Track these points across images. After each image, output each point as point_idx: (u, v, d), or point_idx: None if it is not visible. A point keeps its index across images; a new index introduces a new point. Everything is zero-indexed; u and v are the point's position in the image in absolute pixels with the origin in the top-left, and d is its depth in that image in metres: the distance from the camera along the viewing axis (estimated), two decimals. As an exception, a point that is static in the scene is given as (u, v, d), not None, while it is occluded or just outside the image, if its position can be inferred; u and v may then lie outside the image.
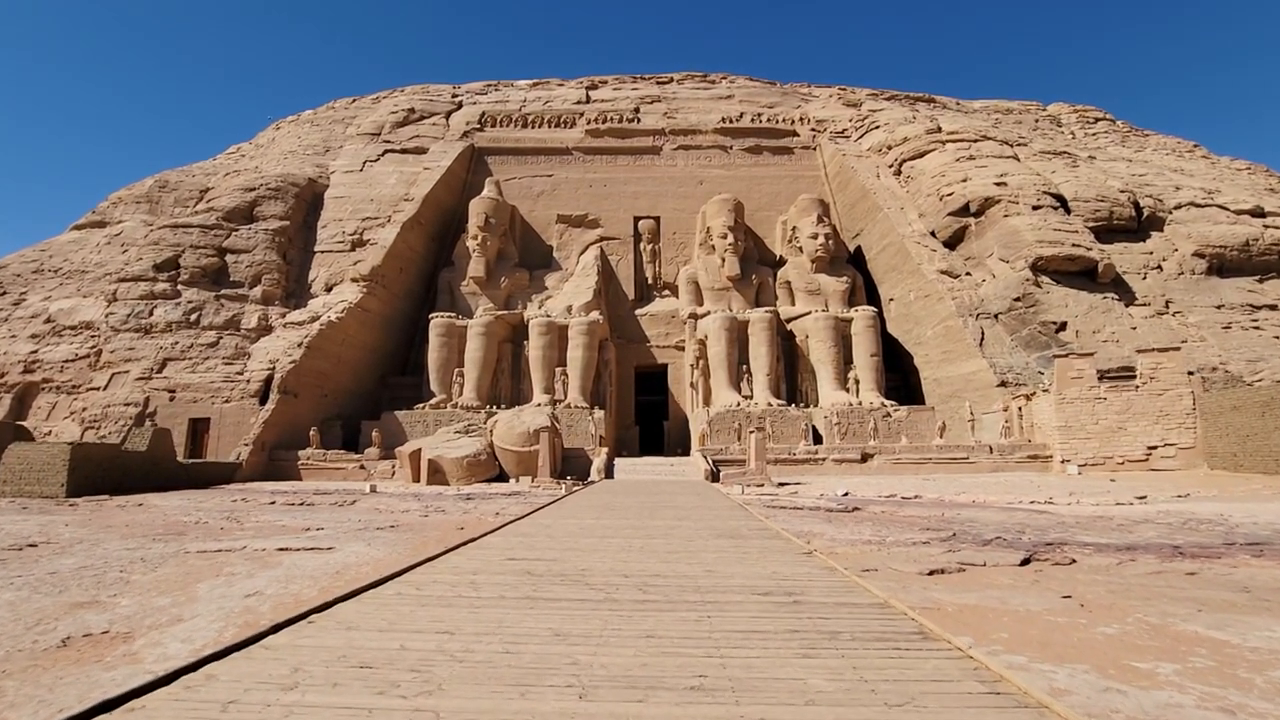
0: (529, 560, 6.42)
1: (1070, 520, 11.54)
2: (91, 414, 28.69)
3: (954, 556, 7.95)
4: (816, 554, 6.81)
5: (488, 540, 7.85)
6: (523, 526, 9.45)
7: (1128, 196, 34.11)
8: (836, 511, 13.85)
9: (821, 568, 6.16)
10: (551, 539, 8.10)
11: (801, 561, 6.50)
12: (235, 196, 37.98)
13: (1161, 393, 24.87)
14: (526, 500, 16.95)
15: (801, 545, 7.60)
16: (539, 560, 6.46)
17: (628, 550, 7.29)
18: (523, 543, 7.73)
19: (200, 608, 5.43)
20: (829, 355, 33.96)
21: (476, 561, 6.21)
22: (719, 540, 8.19)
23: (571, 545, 7.63)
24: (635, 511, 11.91)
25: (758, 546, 7.59)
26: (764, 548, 7.54)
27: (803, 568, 6.10)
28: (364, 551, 8.51)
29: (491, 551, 6.94)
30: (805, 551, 7.16)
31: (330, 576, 6.83)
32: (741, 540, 8.13)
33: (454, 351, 35.13)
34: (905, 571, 7.18)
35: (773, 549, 7.45)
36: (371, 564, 7.64)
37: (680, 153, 45.72)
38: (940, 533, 10.04)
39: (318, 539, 9.71)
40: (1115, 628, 4.94)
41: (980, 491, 17.79)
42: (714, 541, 8.09)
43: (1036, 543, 8.83)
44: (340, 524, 12.26)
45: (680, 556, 6.90)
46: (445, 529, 11.74)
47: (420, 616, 4.52)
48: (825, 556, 6.60)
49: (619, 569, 6.08)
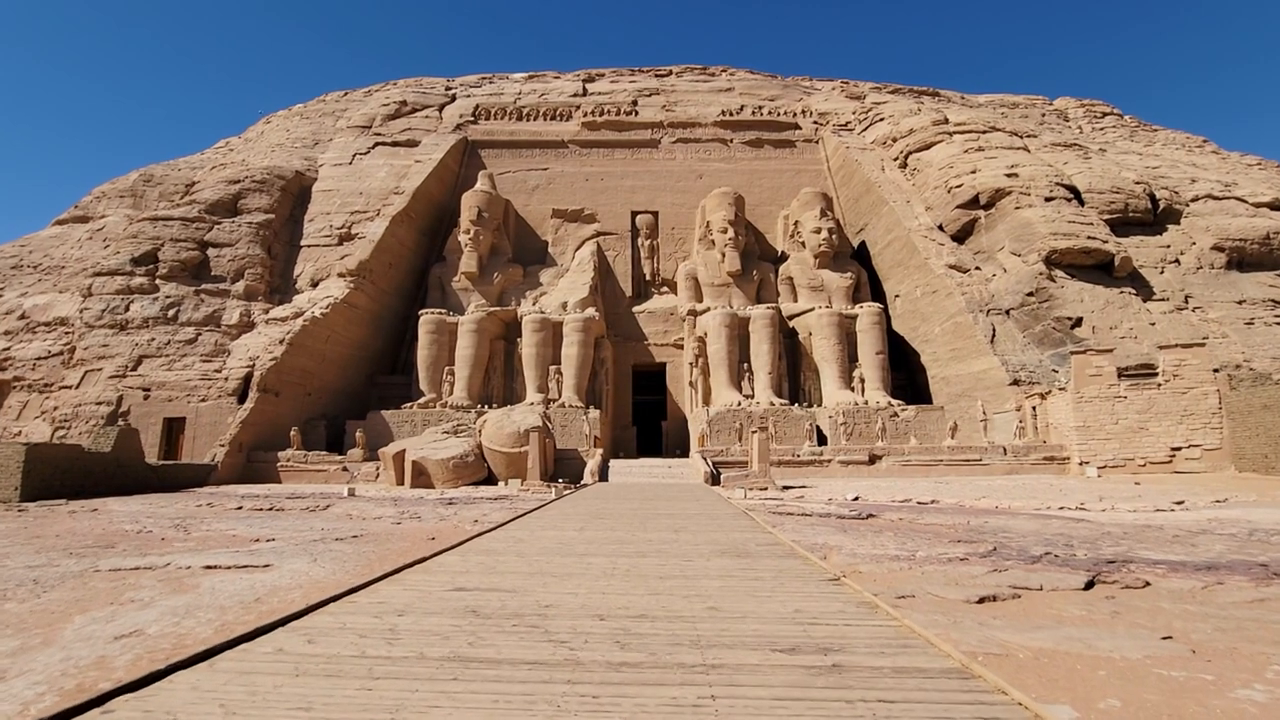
0: (481, 591, 5.11)
1: (1116, 530, 10.27)
2: (62, 413, 27.39)
3: (1002, 578, 6.68)
4: (845, 580, 5.49)
5: (442, 560, 6.52)
6: (493, 540, 8.13)
7: (1143, 188, 32.87)
8: (850, 519, 12.58)
9: (856, 602, 4.82)
10: (521, 557, 6.86)
11: (828, 592, 5.21)
12: (218, 189, 36.70)
13: (1185, 391, 23.61)
14: (511, 505, 15.66)
15: (822, 566, 6.24)
16: (494, 591, 5.19)
17: (610, 575, 5.99)
18: (484, 563, 6.49)
19: (42, 657, 4.15)
20: (833, 353, 32.67)
21: (414, 593, 4.95)
22: (723, 559, 6.89)
23: (542, 567, 6.40)
24: (626, 521, 10.62)
25: (771, 569, 6.31)
26: (778, 570, 6.25)
27: (832, 602, 4.84)
28: (303, 571, 7.23)
29: (439, 577, 5.70)
30: (830, 578, 5.83)
31: (243, 607, 5.55)
32: (750, 560, 6.83)
33: (444, 349, 33.83)
34: (948, 599, 5.91)
35: (789, 572, 6.16)
36: (305, 587, 6.37)
37: (679, 146, 44.47)
38: (975, 546, 8.77)
39: (259, 554, 8.43)
40: (1261, 691, 3.67)
41: (1001, 496, 16.51)
42: (717, 561, 6.79)
43: (1094, 560, 7.55)
44: (298, 534, 10.98)
45: (675, 585, 5.60)
46: (414, 539, 10.47)
47: (280, 698, 3.14)
48: (855, 583, 5.31)
49: (594, 606, 4.81)
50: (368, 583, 5.26)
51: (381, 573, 5.80)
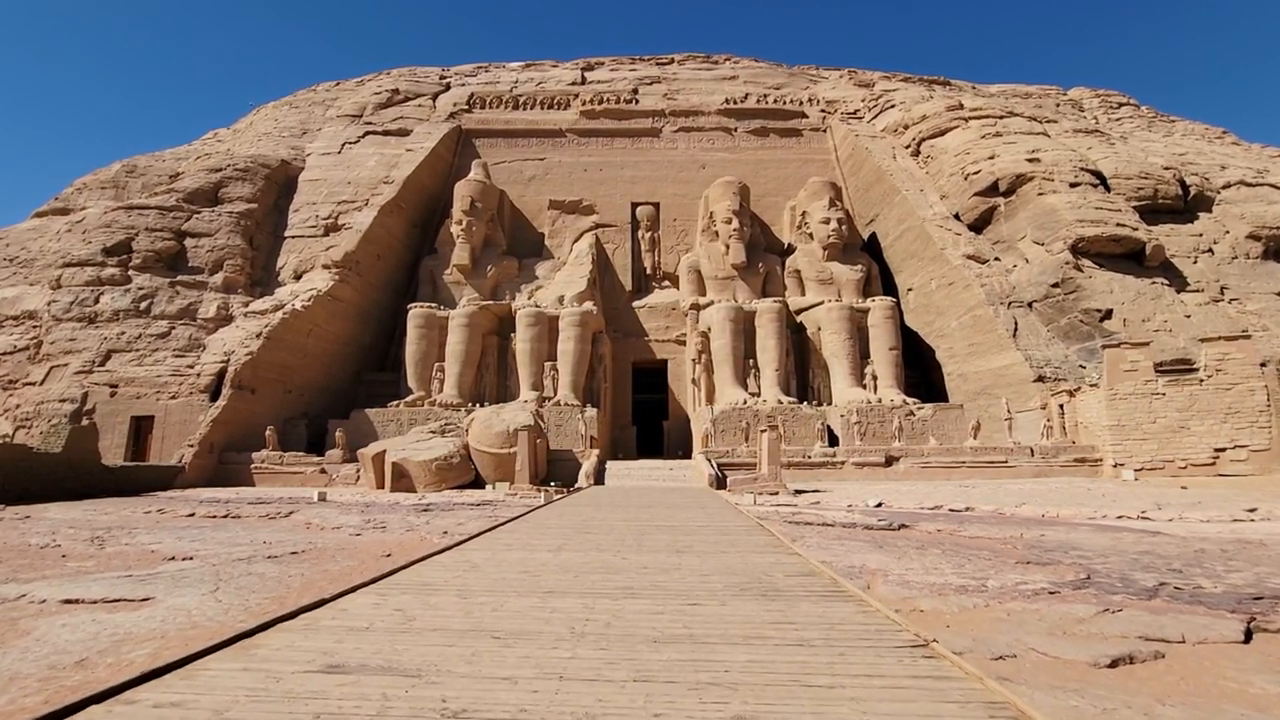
0: (363, 677, 3.29)
1: (1210, 547, 8.49)
2: (24, 411, 25.70)
3: (1123, 624, 4.91)
4: (938, 650, 3.58)
5: (348, 604, 4.57)
6: (438, 566, 6.25)
7: (1173, 174, 31.06)
8: (880, 530, 10.82)
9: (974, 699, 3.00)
10: (462, 598, 5.01)
11: (921, 675, 3.30)
12: (199, 178, 35.06)
13: (1229, 387, 21.81)
14: (493, 513, 13.93)
15: (893, 619, 4.33)
16: (384, 675, 3.32)
17: (578, 637, 4.04)
18: (402, 611, 4.62)
19: None
20: (844, 349, 30.88)
21: (259, 674, 3.22)
22: (745, 602, 4.93)
23: (482, 619, 4.46)
24: (618, 535, 8.85)
25: (816, 622, 4.30)
26: (828, 625, 4.24)
27: (934, 701, 2.97)
28: (188, 608, 5.49)
29: (317, 640, 3.86)
30: (915, 643, 3.80)
31: (41, 681, 3.82)
32: (784, 604, 4.83)
33: (434, 345, 32.10)
34: (1066, 659, 4.16)
35: (847, 629, 4.14)
36: (168, 637, 4.64)
37: (681, 135, 42.71)
38: (1054, 570, 7.00)
39: (151, 581, 6.69)
40: None
41: (1042, 502, 14.73)
42: (737, 606, 4.80)
43: (1229, 594, 5.78)
44: (228, 550, 9.26)
45: (677, 660, 3.59)
46: (363, 557, 8.74)
47: None
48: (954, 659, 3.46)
49: (544, 708, 2.93)
50: (209, 649, 3.47)
51: (256, 624, 4.04)
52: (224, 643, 3.60)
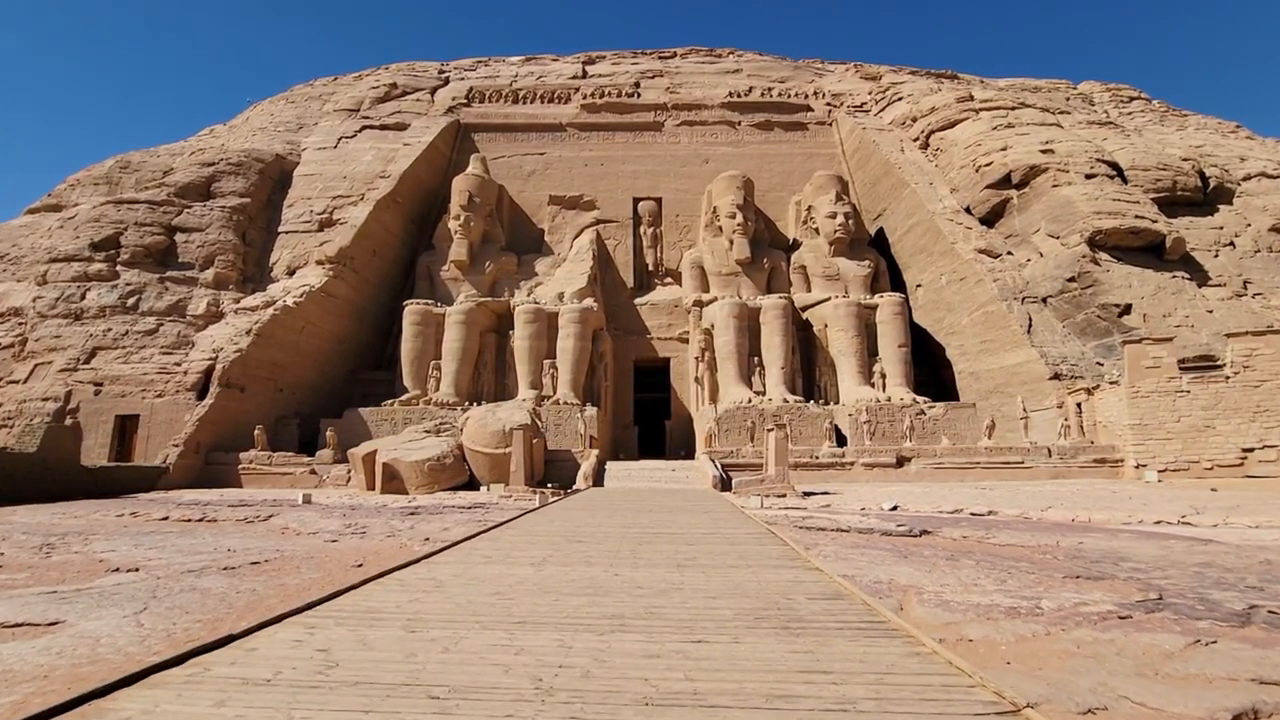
0: None
1: (1277, 558, 7.58)
2: (6, 410, 24.93)
3: (1224, 660, 4.02)
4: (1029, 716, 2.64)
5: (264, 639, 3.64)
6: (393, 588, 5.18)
7: (1191, 165, 30.08)
8: (901, 537, 9.93)
9: None
10: (410, 632, 4.05)
11: None
12: (190, 172, 34.28)
13: (1258, 385, 20.83)
14: (484, 516, 13.07)
15: (958, 667, 3.38)
16: None
17: (546, 695, 3.05)
18: (324, 655, 3.63)
19: None
20: (852, 346, 29.94)
21: None
22: (762, 638, 3.98)
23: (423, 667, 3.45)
24: (612, 545, 7.96)
25: (859, 669, 3.36)
26: (870, 669, 3.32)
27: None
28: (97, 636, 4.63)
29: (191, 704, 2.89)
30: (1000, 709, 2.82)
31: None
32: (812, 640, 3.89)
33: (430, 342, 31.25)
34: (1174, 713, 3.27)
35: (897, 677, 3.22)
36: (37, 681, 3.77)
37: (684, 129, 41.81)
38: (1106, 584, 6.10)
39: (76, 599, 5.83)
40: None
41: (1069, 506, 13.82)
42: (751, 643, 3.87)
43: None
44: (181, 559, 8.40)
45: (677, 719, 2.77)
46: (330, 569, 7.88)
47: None
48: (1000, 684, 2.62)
49: None
50: (41, 715, 2.58)
51: (122, 675, 3.13)
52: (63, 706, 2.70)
